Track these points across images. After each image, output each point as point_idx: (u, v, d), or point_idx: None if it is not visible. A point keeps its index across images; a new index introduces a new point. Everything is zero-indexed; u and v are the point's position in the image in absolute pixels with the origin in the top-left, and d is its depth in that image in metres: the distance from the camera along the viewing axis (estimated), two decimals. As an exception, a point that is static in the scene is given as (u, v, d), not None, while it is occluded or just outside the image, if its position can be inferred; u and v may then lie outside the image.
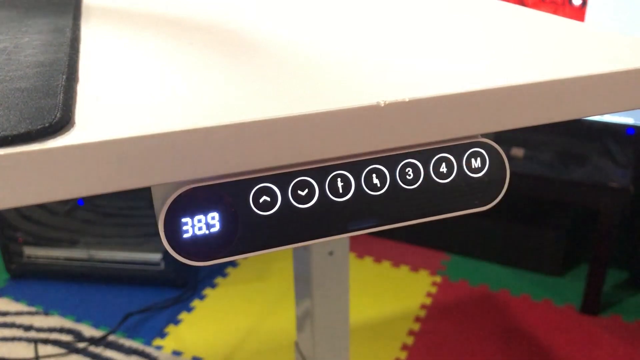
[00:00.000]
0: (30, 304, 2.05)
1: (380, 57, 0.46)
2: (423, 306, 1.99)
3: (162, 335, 1.91)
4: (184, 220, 0.40)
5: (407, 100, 0.38)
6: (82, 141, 0.33)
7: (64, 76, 0.39)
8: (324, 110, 0.37)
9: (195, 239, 0.40)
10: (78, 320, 1.97)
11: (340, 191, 0.43)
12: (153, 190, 0.40)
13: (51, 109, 0.35)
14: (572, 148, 2.02)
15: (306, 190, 0.42)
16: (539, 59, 0.46)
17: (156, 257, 2.03)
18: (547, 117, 0.43)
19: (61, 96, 0.36)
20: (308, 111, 0.37)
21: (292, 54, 0.47)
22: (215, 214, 0.40)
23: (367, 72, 0.43)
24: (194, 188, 0.39)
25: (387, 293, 2.05)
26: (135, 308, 1.99)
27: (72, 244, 2.08)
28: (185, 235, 0.40)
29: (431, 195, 0.45)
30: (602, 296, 1.94)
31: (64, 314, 2.00)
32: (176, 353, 1.83)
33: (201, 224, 0.40)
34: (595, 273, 1.92)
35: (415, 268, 2.19)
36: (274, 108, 0.37)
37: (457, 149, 0.45)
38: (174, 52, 0.48)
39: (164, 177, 0.35)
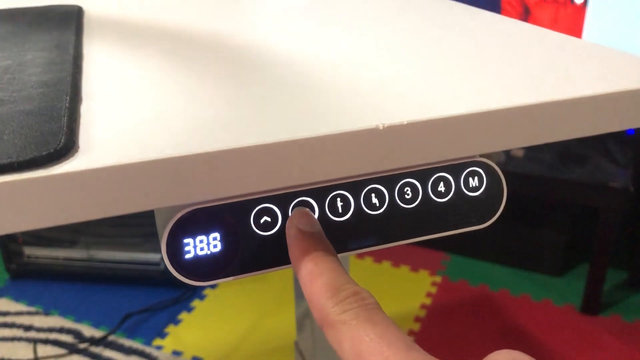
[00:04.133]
0: (30, 304, 2.05)
1: (378, 77, 0.46)
2: (423, 306, 1.99)
3: (162, 335, 1.91)
4: (186, 241, 0.40)
5: (405, 123, 0.39)
6: (85, 167, 0.33)
7: (68, 97, 0.39)
8: (324, 134, 0.37)
9: (197, 259, 0.41)
10: (78, 320, 1.97)
11: (340, 211, 0.43)
12: (156, 212, 0.40)
13: (56, 133, 0.35)
14: (572, 148, 2.02)
15: None
16: (536, 79, 0.46)
17: (156, 257, 2.03)
18: (546, 137, 0.43)
19: (65, 119, 0.36)
20: (308, 135, 0.37)
21: (292, 73, 0.47)
22: (217, 235, 0.40)
23: (366, 92, 0.43)
24: (195, 209, 0.39)
25: (387, 293, 2.05)
26: (135, 308, 2.00)
27: (72, 244, 2.08)
28: (187, 256, 0.40)
29: (429, 214, 0.46)
30: (602, 296, 1.94)
31: (64, 314, 2.00)
32: (176, 353, 1.83)
33: (203, 245, 0.40)
34: (595, 273, 1.92)
35: (415, 268, 2.19)
36: (274, 132, 0.37)
37: (455, 168, 0.45)
38: (175, 70, 0.48)
39: (167, 201, 0.36)
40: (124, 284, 2.11)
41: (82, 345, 1.86)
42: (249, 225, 0.41)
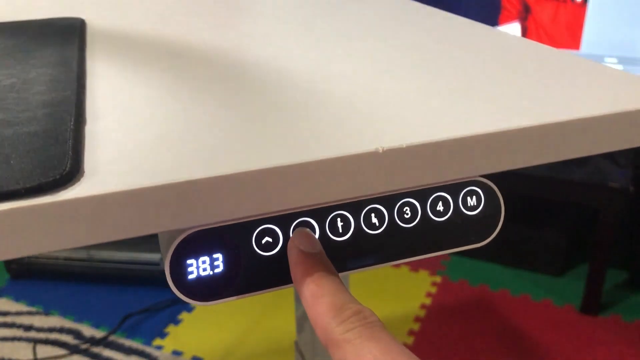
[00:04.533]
0: (30, 304, 2.05)
1: (377, 97, 0.46)
2: (423, 306, 1.99)
3: (162, 335, 1.91)
4: (189, 262, 0.40)
5: (404, 146, 0.39)
6: (91, 193, 0.33)
7: (72, 119, 0.39)
8: (325, 158, 0.37)
9: (200, 279, 0.41)
10: (78, 320, 1.97)
11: (340, 231, 0.43)
12: (160, 234, 0.40)
13: (61, 157, 0.35)
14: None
15: None
16: (534, 100, 0.46)
17: (156, 257, 2.03)
18: (545, 158, 0.44)
19: (70, 142, 0.37)
20: (309, 159, 0.37)
21: (292, 92, 0.47)
22: (219, 255, 0.41)
23: (365, 113, 0.44)
24: (198, 231, 0.40)
25: (387, 293, 2.05)
26: (135, 308, 2.00)
27: (71, 243, 2.08)
28: (190, 277, 0.41)
29: (428, 233, 0.46)
30: (602, 296, 1.94)
31: (64, 314, 2.00)
32: (176, 353, 1.84)
33: (205, 265, 0.41)
34: (595, 273, 1.92)
35: (415, 268, 2.19)
36: (275, 155, 0.37)
37: (454, 188, 0.45)
38: (177, 87, 0.48)
39: (170, 224, 0.36)
40: (124, 284, 2.12)
41: (82, 345, 1.86)
42: (250, 246, 0.42)
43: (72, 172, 0.34)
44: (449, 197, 0.46)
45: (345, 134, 0.40)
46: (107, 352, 1.85)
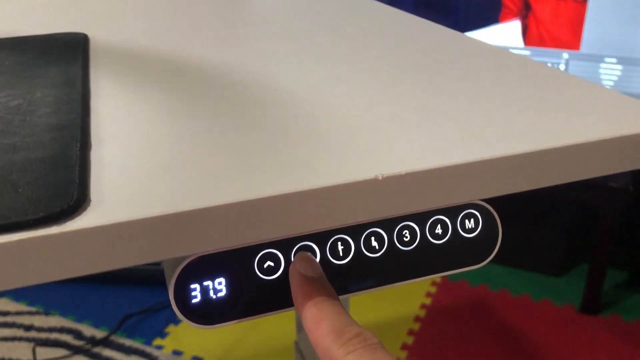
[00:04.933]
0: (30, 304, 2.05)
1: (375, 122, 0.46)
2: (423, 306, 1.99)
3: (162, 335, 1.91)
4: (192, 286, 0.41)
5: (403, 173, 0.39)
6: (97, 224, 0.34)
7: (78, 144, 0.40)
8: (325, 186, 0.38)
9: (203, 304, 0.42)
10: (78, 320, 1.97)
11: (341, 254, 0.44)
12: (164, 260, 0.41)
13: (68, 185, 0.35)
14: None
15: None
16: (532, 124, 0.46)
17: (156, 256, 2.03)
18: (544, 182, 0.44)
19: (77, 170, 0.37)
20: (309, 187, 0.37)
21: (293, 115, 0.47)
22: (222, 280, 0.42)
23: (363, 139, 0.44)
24: (201, 256, 0.40)
25: (387, 293, 2.05)
26: (136, 308, 2.00)
27: (71, 243, 2.08)
28: (194, 301, 0.41)
29: (427, 256, 0.47)
30: (601, 296, 1.94)
31: (64, 314, 2.00)
32: (176, 353, 1.84)
33: (209, 290, 0.42)
34: (594, 273, 1.92)
35: (415, 267, 2.19)
36: (276, 184, 0.38)
37: (452, 211, 0.46)
38: (180, 108, 0.49)
39: (175, 252, 0.36)
40: (124, 284, 2.11)
41: (82, 345, 1.86)
42: (252, 270, 0.42)
43: (78, 202, 0.34)
44: (447, 220, 0.46)
45: (345, 160, 0.41)
46: (107, 352, 1.85)
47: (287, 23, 0.76)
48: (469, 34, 2.11)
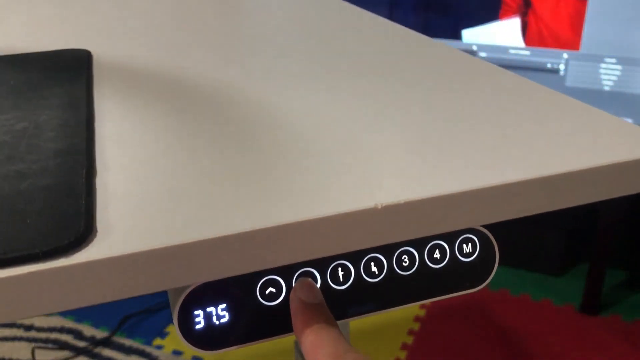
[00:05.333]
0: (29, 304, 2.05)
1: (373, 148, 0.47)
2: (423, 306, 1.99)
3: (162, 335, 1.91)
4: (196, 312, 0.42)
5: (402, 202, 0.39)
6: (104, 256, 0.34)
7: (84, 170, 0.40)
8: (325, 216, 0.38)
9: (207, 329, 0.42)
10: (78, 320, 1.97)
11: (341, 280, 0.45)
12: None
13: (75, 216, 0.36)
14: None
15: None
16: (530, 151, 0.46)
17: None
18: (543, 207, 0.44)
19: (83, 199, 0.37)
20: (309, 217, 0.38)
21: (293, 141, 0.48)
22: (225, 306, 0.43)
23: (362, 166, 0.44)
24: (204, 284, 0.41)
25: (387, 292, 2.05)
26: (136, 307, 2.00)
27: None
28: (198, 327, 0.42)
29: (425, 280, 0.48)
30: (601, 296, 1.95)
31: (64, 314, 2.00)
32: (176, 353, 1.84)
33: (212, 316, 0.42)
34: (594, 273, 1.93)
35: (414, 266, 2.19)
36: (277, 214, 0.38)
37: (450, 236, 0.47)
38: (183, 131, 0.49)
39: (179, 282, 0.37)
40: (124, 283, 2.11)
41: (82, 345, 1.86)
42: (254, 296, 0.43)
43: (85, 233, 0.35)
44: (445, 245, 0.47)
45: (343, 189, 0.41)
46: (107, 352, 1.85)
47: (290, 39, 0.76)
48: (468, 30, 2.11)
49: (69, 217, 0.35)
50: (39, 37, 0.76)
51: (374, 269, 0.46)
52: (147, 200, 0.39)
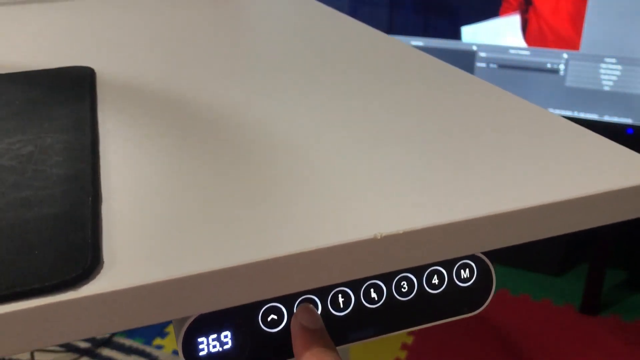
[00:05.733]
0: (30, 304, 2.05)
1: (370, 175, 0.47)
2: (423, 306, 1.99)
3: (162, 335, 1.92)
4: (200, 339, 0.43)
5: (401, 232, 0.40)
6: (111, 289, 0.34)
7: (90, 198, 0.40)
8: (325, 247, 0.38)
9: (211, 356, 0.43)
10: (78, 320, 1.97)
11: (341, 306, 0.46)
12: None
13: (82, 247, 0.36)
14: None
15: None
16: (529, 177, 0.46)
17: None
18: (542, 234, 0.44)
19: (90, 228, 0.37)
20: (310, 248, 0.38)
21: (292, 168, 0.48)
22: (228, 333, 0.43)
23: (361, 194, 0.44)
24: (208, 312, 0.42)
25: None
26: (136, 308, 2.00)
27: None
28: (202, 353, 0.43)
29: (424, 305, 0.48)
30: (601, 296, 1.95)
31: (64, 314, 2.00)
32: (176, 353, 1.84)
33: (215, 342, 0.43)
34: (594, 273, 1.93)
35: (414, 266, 2.19)
36: (279, 245, 0.38)
37: (448, 262, 0.48)
38: (187, 156, 0.49)
39: (184, 312, 0.37)
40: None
41: (82, 345, 1.87)
42: (257, 323, 0.44)
43: (92, 265, 0.35)
44: (443, 270, 0.48)
45: (343, 218, 0.41)
46: (107, 352, 1.85)
47: (290, 55, 0.76)
48: (468, 27, 2.11)
49: (77, 248, 0.35)
50: (41, 53, 0.76)
51: (373, 295, 0.47)
52: (151, 229, 0.40)
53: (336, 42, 0.81)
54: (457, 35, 2.11)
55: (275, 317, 0.44)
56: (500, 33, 2.09)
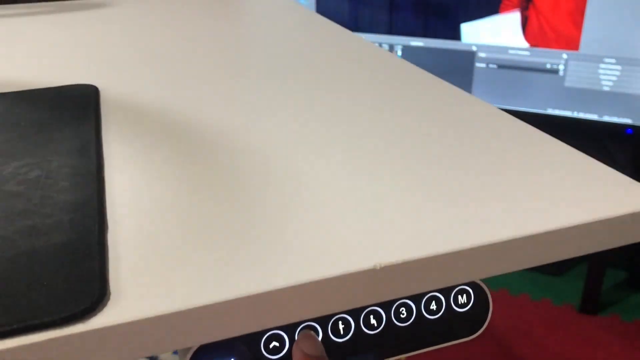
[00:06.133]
0: (31, 304, 2.06)
1: (367, 203, 0.47)
2: (423, 306, 2.00)
3: (164, 335, 1.92)
4: None
5: (401, 262, 0.40)
6: (119, 321, 0.35)
7: (96, 226, 0.41)
8: (325, 278, 0.39)
9: None
10: (80, 320, 1.97)
11: (342, 332, 0.47)
12: None
13: (90, 278, 0.36)
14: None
15: None
16: (526, 206, 0.46)
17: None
18: (539, 260, 0.45)
19: (97, 259, 0.38)
20: (309, 279, 0.39)
21: (292, 196, 0.48)
22: None
23: (362, 225, 0.44)
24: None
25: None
26: (137, 308, 2.00)
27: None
28: None
29: (422, 330, 0.50)
30: (600, 296, 1.96)
31: (65, 314, 2.00)
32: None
33: None
34: (594, 273, 1.94)
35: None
36: (280, 276, 0.39)
37: (446, 288, 0.49)
38: (190, 180, 0.50)
39: (189, 343, 0.38)
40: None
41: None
42: (259, 351, 0.45)
43: (100, 298, 0.35)
44: (441, 296, 0.49)
45: (342, 248, 0.42)
46: (109, 352, 1.85)
47: (295, 72, 0.76)
48: (468, 24, 2.11)
49: (85, 280, 0.36)
50: (45, 70, 0.76)
51: (373, 321, 0.48)
52: (156, 258, 0.40)
53: (334, 60, 0.81)
54: (456, 36, 2.12)
55: (277, 344, 0.45)
56: (500, 30, 2.09)
